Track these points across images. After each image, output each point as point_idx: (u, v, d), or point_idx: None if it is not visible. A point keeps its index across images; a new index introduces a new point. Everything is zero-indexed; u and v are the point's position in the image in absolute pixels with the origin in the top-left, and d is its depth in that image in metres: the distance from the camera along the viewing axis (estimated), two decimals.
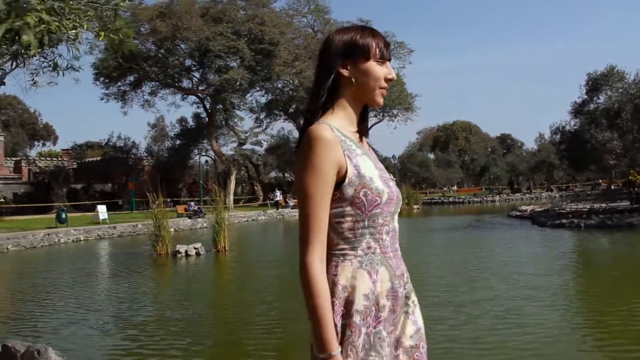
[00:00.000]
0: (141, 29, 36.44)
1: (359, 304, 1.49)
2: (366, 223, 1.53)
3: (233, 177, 41.11)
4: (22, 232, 23.53)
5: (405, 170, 61.32)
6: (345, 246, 1.53)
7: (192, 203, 34.86)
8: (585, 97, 21.53)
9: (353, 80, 1.60)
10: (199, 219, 30.37)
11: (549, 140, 40.54)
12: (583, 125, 21.31)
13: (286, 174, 57.84)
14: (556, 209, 22.87)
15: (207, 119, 41.65)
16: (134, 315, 7.85)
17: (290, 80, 41.08)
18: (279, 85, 44.78)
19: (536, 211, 23.94)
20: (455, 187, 65.31)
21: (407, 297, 1.65)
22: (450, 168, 60.31)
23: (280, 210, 37.78)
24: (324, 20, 47.04)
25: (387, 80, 1.63)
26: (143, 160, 50.88)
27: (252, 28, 37.23)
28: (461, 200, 50.09)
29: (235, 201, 47.29)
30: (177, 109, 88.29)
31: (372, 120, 56.96)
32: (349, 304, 1.49)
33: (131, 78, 39.88)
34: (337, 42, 1.62)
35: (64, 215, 26.04)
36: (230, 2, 39.06)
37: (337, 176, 1.50)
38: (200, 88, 40.69)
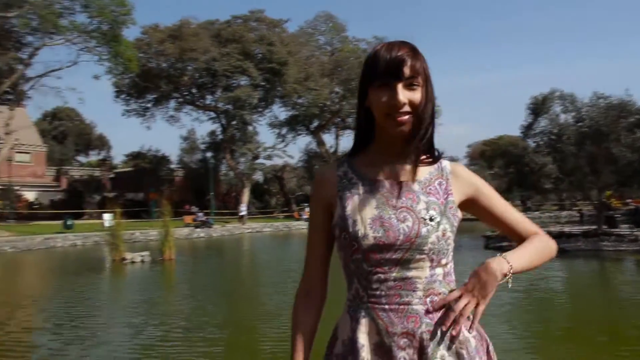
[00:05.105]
0: (153, 49, 39.00)
1: (338, 348, 1.41)
2: (352, 267, 1.39)
3: (246, 190, 43.02)
4: (31, 235, 25.69)
5: None
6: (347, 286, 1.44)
7: (201, 214, 36.81)
8: (530, 120, 21.53)
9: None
10: (198, 229, 32.13)
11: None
12: (526, 147, 21.27)
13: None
14: None
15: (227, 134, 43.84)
16: None
17: (306, 98, 42.85)
18: (300, 101, 46.47)
19: None
20: None
21: None
22: None
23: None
24: (341, 38, 48.42)
25: (391, 106, 1.31)
26: (174, 172, 53.85)
27: (260, 48, 39.43)
28: None
29: (268, 212, 48.96)
30: (201, 124, 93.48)
31: None
32: (331, 346, 1.43)
33: (153, 95, 42.69)
34: (364, 62, 1.39)
35: (69, 222, 28.92)
36: (243, 24, 41.43)
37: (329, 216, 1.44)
38: (218, 105, 43.08)
